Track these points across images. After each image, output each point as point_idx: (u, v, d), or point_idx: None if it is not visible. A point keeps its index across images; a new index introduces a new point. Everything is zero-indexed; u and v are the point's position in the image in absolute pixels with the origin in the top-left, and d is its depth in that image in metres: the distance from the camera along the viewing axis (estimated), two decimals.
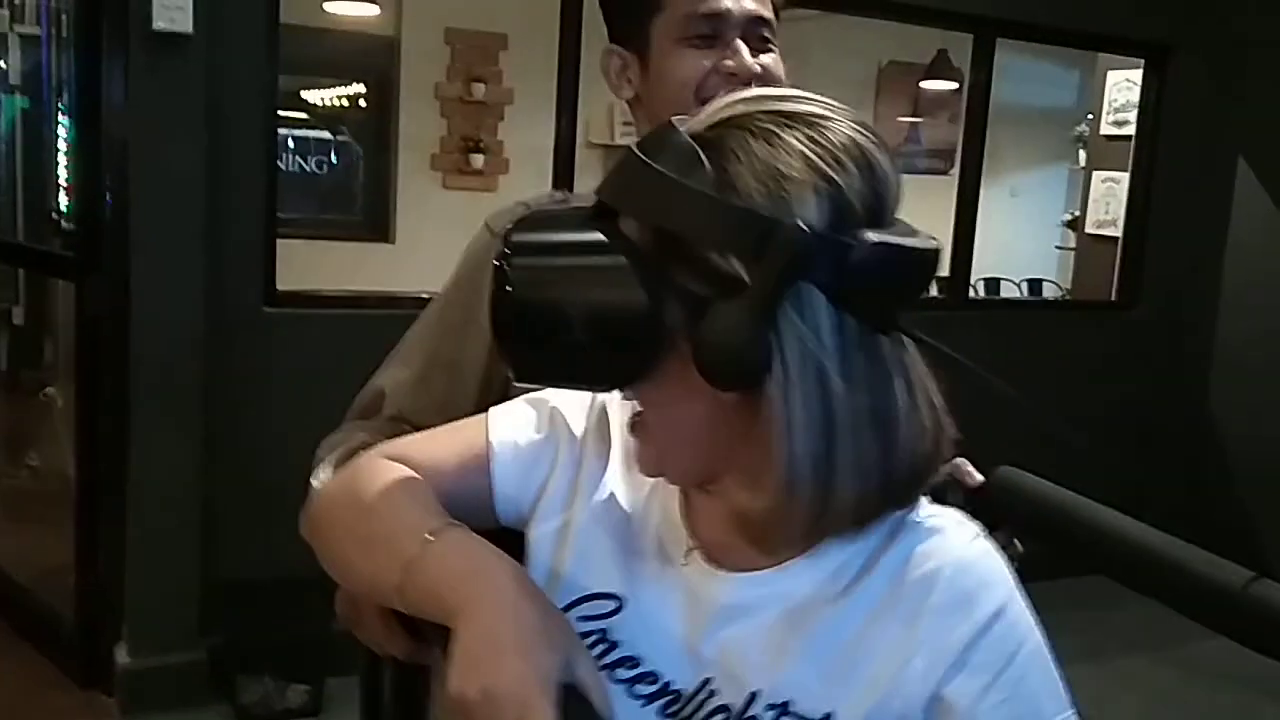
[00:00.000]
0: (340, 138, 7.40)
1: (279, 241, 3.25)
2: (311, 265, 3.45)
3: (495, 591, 0.75)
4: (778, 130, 0.74)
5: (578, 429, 0.91)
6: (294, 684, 3.16)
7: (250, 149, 3.11)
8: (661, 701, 0.81)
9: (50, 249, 3.92)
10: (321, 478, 1.24)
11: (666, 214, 0.73)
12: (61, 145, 5.18)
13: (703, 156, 0.73)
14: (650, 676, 0.82)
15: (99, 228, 3.04)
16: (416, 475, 0.88)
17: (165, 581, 3.11)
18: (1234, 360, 4.66)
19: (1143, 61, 4.72)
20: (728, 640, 0.80)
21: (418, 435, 0.97)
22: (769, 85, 1.23)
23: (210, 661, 3.16)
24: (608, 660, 0.83)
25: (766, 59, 1.27)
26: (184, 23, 2.81)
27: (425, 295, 1.43)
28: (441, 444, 0.93)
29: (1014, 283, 7.38)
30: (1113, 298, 4.86)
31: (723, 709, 0.79)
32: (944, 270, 4.58)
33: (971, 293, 5.10)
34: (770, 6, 1.29)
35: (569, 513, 0.88)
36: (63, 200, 5.23)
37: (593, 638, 0.83)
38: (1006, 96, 5.48)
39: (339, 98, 7.36)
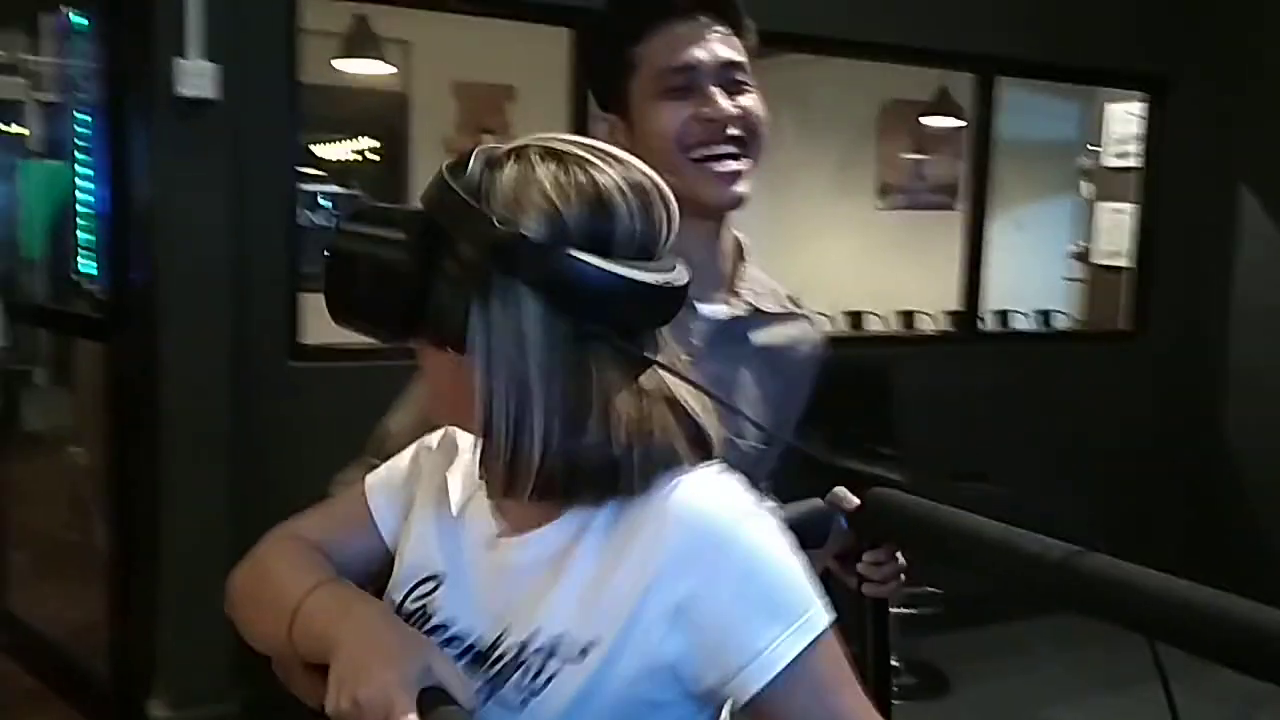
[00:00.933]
0: (350, 191, 7.52)
1: None
2: (327, 318, 3.50)
3: (359, 624, 0.92)
4: (537, 162, 0.90)
5: (429, 449, 1.08)
6: None
7: (273, 208, 3.20)
8: (466, 659, 0.94)
9: (78, 311, 4.00)
10: None
11: (436, 207, 0.90)
12: (82, 209, 5.30)
13: (469, 169, 0.90)
14: (456, 639, 0.96)
15: (127, 289, 3.12)
16: (306, 542, 1.06)
17: (198, 634, 3.16)
18: (1247, 384, 4.69)
19: (1140, 94, 4.81)
20: (509, 595, 0.94)
21: (313, 509, 1.14)
22: (749, 126, 1.32)
23: (242, 713, 3.20)
24: (430, 628, 0.97)
25: (745, 100, 1.33)
26: (209, 89, 2.91)
27: None
28: (332, 511, 1.12)
29: (1024, 314, 7.44)
30: (1123, 327, 4.91)
31: (506, 655, 0.92)
32: (954, 304, 4.65)
33: (982, 325, 5.16)
34: (741, 50, 1.34)
35: (413, 511, 1.05)
36: (82, 263, 5.34)
37: (417, 616, 0.98)
38: (1009, 130, 5.54)
39: (350, 152, 7.49)
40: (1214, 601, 0.92)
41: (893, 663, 1.41)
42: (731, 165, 1.32)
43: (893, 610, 1.39)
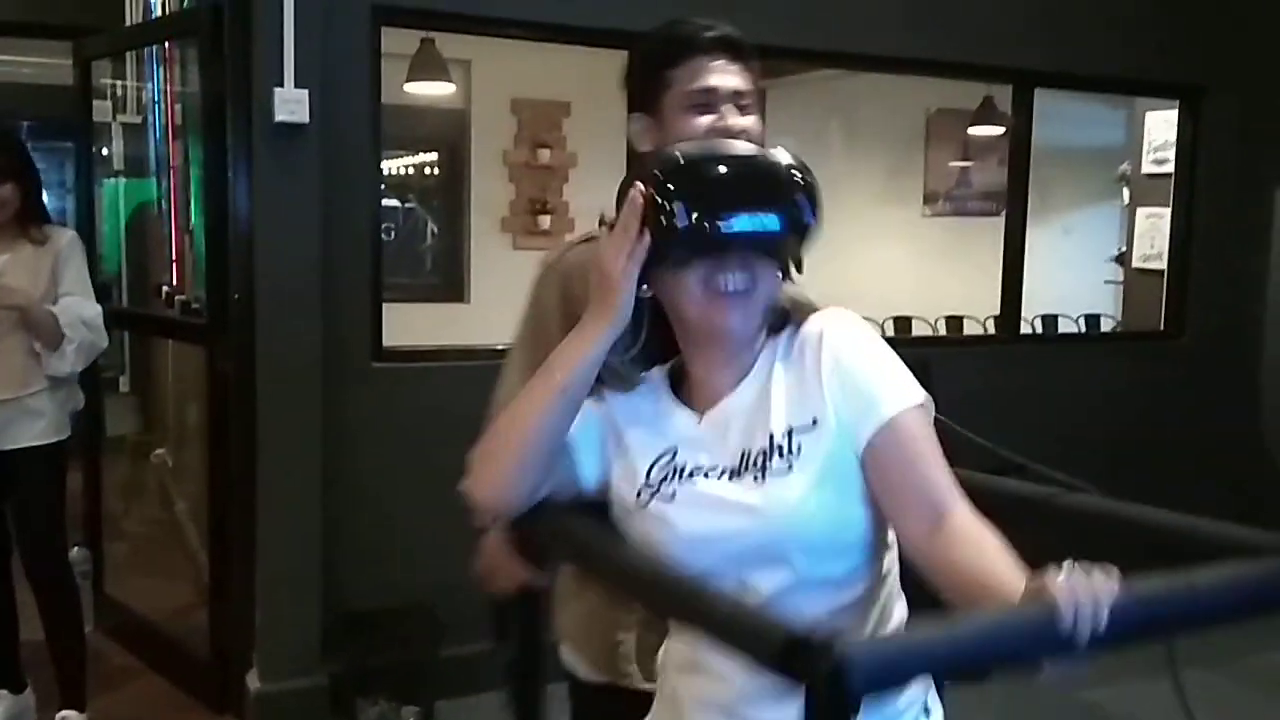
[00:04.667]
0: (407, 204, 7.80)
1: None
2: (397, 326, 3.78)
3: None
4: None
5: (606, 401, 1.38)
6: (407, 705, 3.46)
7: (358, 222, 3.48)
8: (725, 478, 1.27)
9: (183, 318, 4.30)
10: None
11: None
12: (173, 224, 5.64)
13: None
14: (710, 470, 1.28)
15: (227, 298, 3.41)
16: None
17: (291, 613, 3.44)
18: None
19: (1175, 102, 4.97)
20: (734, 434, 1.28)
21: None
22: (750, 140, 1.68)
23: (332, 686, 3.47)
24: (687, 475, 1.29)
25: (746, 120, 1.70)
26: (302, 114, 3.19)
27: (503, 347, 1.77)
28: None
29: (1070, 318, 7.55)
30: (1160, 328, 5.07)
31: (761, 454, 1.25)
32: (994, 309, 4.83)
33: (1027, 328, 5.32)
34: (749, 81, 1.72)
35: (619, 426, 1.36)
36: (170, 274, 5.67)
37: (668, 475, 1.30)
38: (1056, 138, 5.69)
39: (408, 166, 7.75)
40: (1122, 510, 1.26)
41: None
42: None
43: None
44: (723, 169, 1.25)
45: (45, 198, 3.36)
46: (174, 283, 5.52)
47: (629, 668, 1.65)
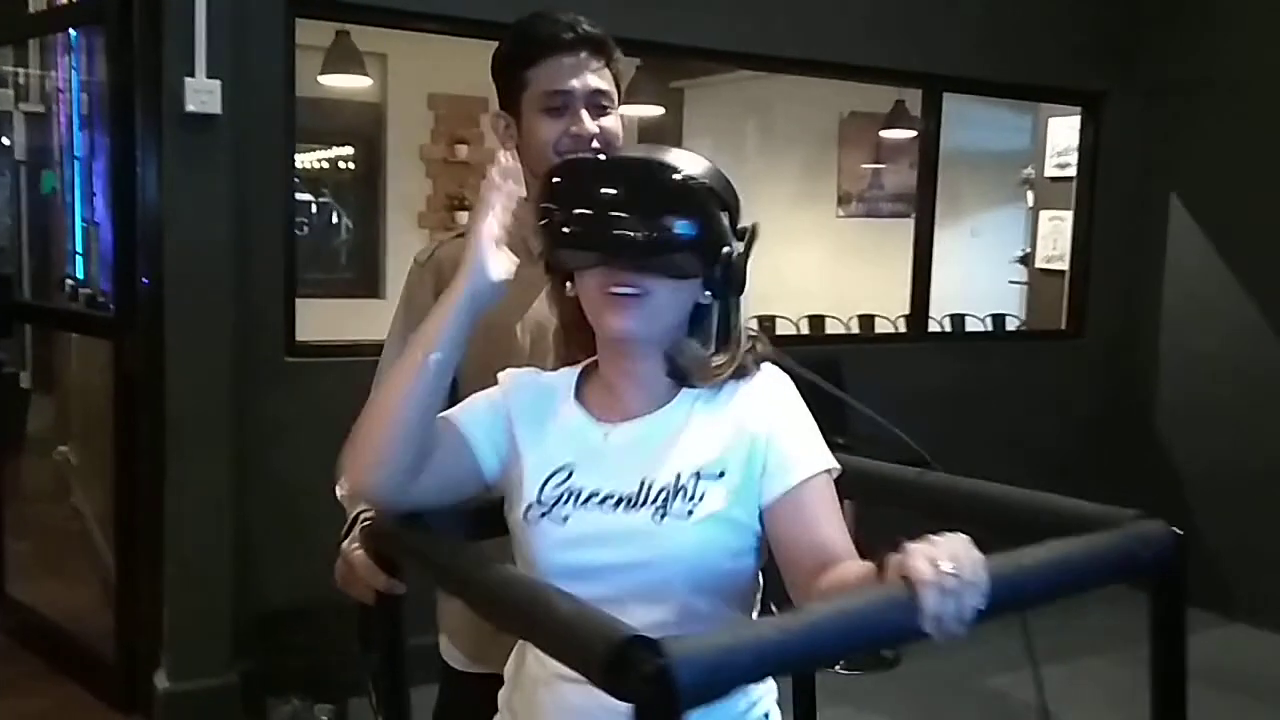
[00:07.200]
0: (322, 199, 7.71)
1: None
2: (312, 321, 3.74)
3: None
4: None
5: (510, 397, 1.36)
6: (319, 704, 3.43)
7: (271, 215, 3.43)
8: (620, 506, 1.26)
9: (88, 312, 4.20)
10: (344, 487, 1.61)
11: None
12: (78, 215, 5.50)
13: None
14: (607, 497, 1.27)
15: (135, 291, 3.34)
16: None
17: (201, 612, 3.38)
18: (1175, 379, 5.02)
19: (1076, 108, 5.13)
20: (639, 459, 1.28)
21: None
22: (606, 140, 1.69)
23: (242, 685, 3.42)
24: (581, 500, 1.27)
25: (605, 121, 1.68)
26: (213, 104, 3.14)
27: None
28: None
29: (978, 318, 7.73)
30: (1062, 327, 5.23)
31: (664, 489, 1.26)
32: (905, 308, 4.94)
33: (936, 327, 5.45)
34: (610, 80, 1.69)
35: (517, 437, 1.33)
36: (75, 267, 5.54)
37: (562, 496, 1.28)
38: (966, 142, 5.82)
39: (323, 160, 7.64)
40: (989, 490, 1.31)
41: None
42: None
43: None
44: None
45: None
46: (74, 275, 5.40)
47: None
